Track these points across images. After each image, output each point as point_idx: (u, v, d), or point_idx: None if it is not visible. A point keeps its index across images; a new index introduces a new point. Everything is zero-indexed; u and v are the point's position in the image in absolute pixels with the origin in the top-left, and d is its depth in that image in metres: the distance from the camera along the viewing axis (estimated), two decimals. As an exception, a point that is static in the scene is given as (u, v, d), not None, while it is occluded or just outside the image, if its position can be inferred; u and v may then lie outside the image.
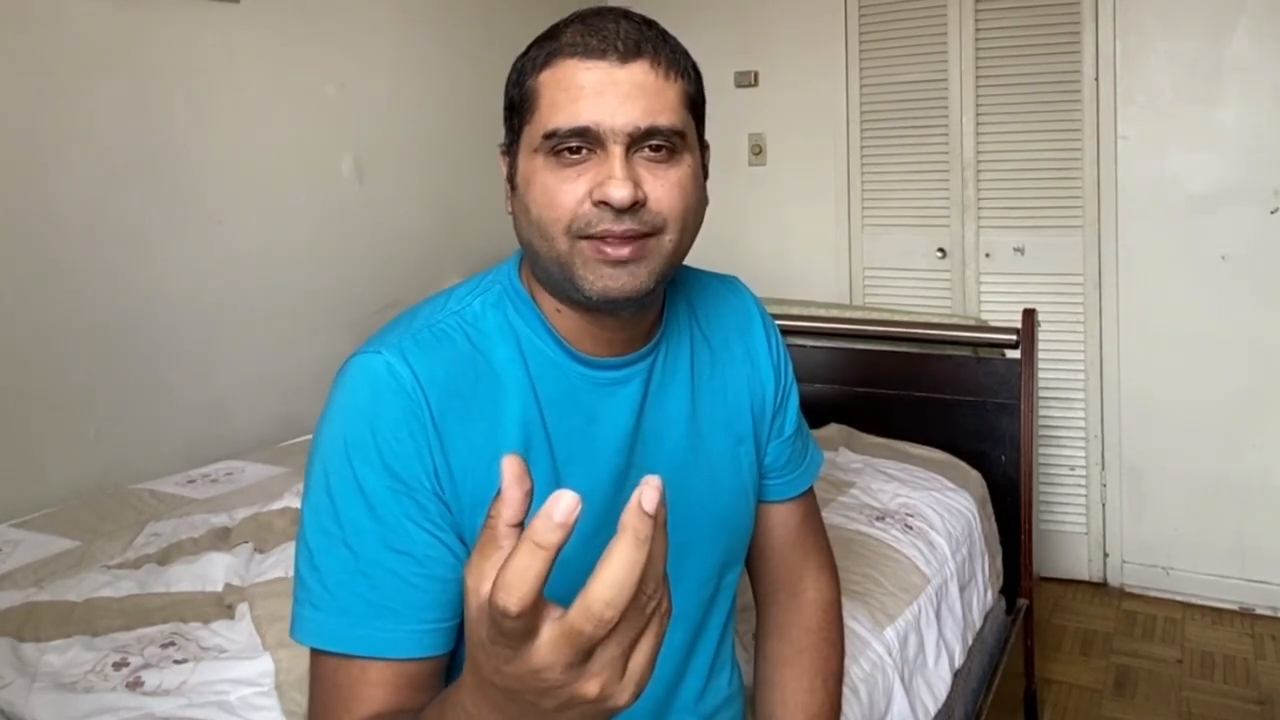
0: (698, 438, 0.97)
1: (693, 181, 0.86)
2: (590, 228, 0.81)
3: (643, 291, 0.84)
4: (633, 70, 0.82)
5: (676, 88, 0.84)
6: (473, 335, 0.88)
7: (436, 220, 3.11)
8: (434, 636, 0.82)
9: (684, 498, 0.94)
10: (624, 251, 0.81)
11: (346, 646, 0.80)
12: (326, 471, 0.83)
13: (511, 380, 0.88)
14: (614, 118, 0.80)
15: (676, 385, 0.96)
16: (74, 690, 1.28)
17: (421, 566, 0.81)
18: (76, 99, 2.14)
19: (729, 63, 3.56)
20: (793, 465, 1.09)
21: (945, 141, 3.26)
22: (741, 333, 1.06)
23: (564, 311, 0.89)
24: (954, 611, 1.85)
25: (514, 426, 0.86)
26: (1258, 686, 2.58)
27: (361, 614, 0.80)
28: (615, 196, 0.79)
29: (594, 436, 0.90)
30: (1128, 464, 3.10)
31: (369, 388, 0.84)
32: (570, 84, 0.81)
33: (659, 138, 0.82)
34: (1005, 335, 2.35)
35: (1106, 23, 2.99)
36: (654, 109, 0.82)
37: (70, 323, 2.14)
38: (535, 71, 0.84)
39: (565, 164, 0.82)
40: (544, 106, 0.83)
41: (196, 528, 1.84)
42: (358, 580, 0.80)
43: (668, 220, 0.83)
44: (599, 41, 0.82)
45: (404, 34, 2.99)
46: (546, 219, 0.82)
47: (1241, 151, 2.88)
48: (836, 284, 3.49)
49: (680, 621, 0.98)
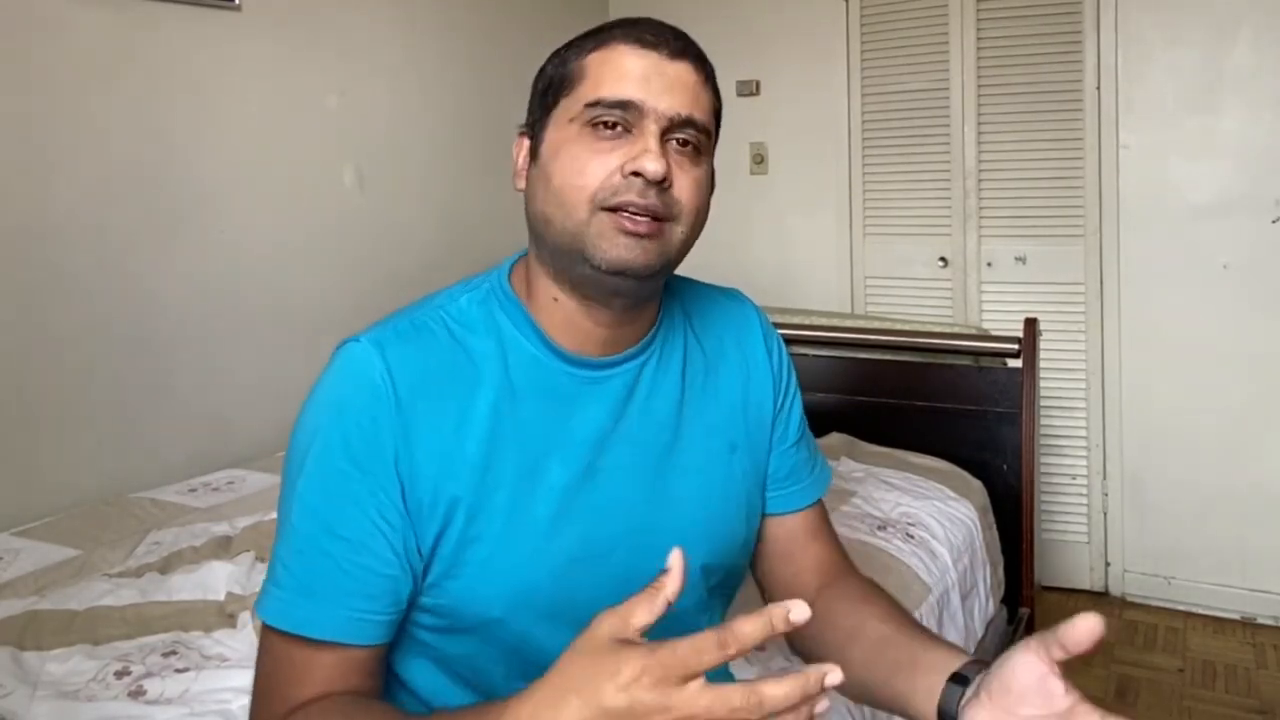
0: (682, 442, 0.97)
1: (707, 185, 0.91)
2: (615, 197, 0.84)
3: (652, 268, 0.86)
4: (679, 67, 0.87)
5: (709, 96, 0.90)
6: (454, 328, 0.90)
7: (438, 229, 3.12)
8: (360, 625, 0.83)
9: (662, 501, 0.95)
10: (642, 227, 0.84)
11: (282, 623, 0.83)
12: (293, 451, 0.87)
13: (488, 371, 0.89)
14: (659, 100, 0.85)
15: (665, 389, 0.97)
16: (76, 699, 1.28)
17: (354, 553, 0.83)
18: (78, 108, 2.15)
19: (730, 72, 3.56)
20: (798, 475, 1.08)
21: (946, 150, 3.26)
22: (739, 342, 1.05)
23: (561, 300, 0.90)
24: (955, 621, 1.85)
25: (484, 415, 0.87)
26: (1259, 696, 2.57)
27: (294, 592, 0.83)
28: (650, 168, 0.82)
29: (570, 429, 0.91)
30: (1129, 473, 3.10)
31: (342, 375, 0.87)
32: (620, 64, 0.86)
33: (692, 131, 0.87)
34: (1007, 344, 2.35)
35: (1108, 32, 3.00)
36: (693, 103, 0.87)
37: (72, 331, 2.14)
38: (583, 54, 0.88)
39: (600, 137, 0.85)
40: (589, 80, 0.86)
41: (198, 536, 1.84)
42: (295, 559, 0.84)
43: (684, 211, 0.87)
44: (652, 36, 0.87)
45: (406, 43, 3.00)
46: (571, 185, 0.85)
47: (1243, 161, 2.88)
48: (838, 293, 3.49)
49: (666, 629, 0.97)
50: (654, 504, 0.95)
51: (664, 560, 0.93)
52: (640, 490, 0.94)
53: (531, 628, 0.89)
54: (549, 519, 0.89)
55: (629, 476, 0.93)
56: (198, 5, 2.36)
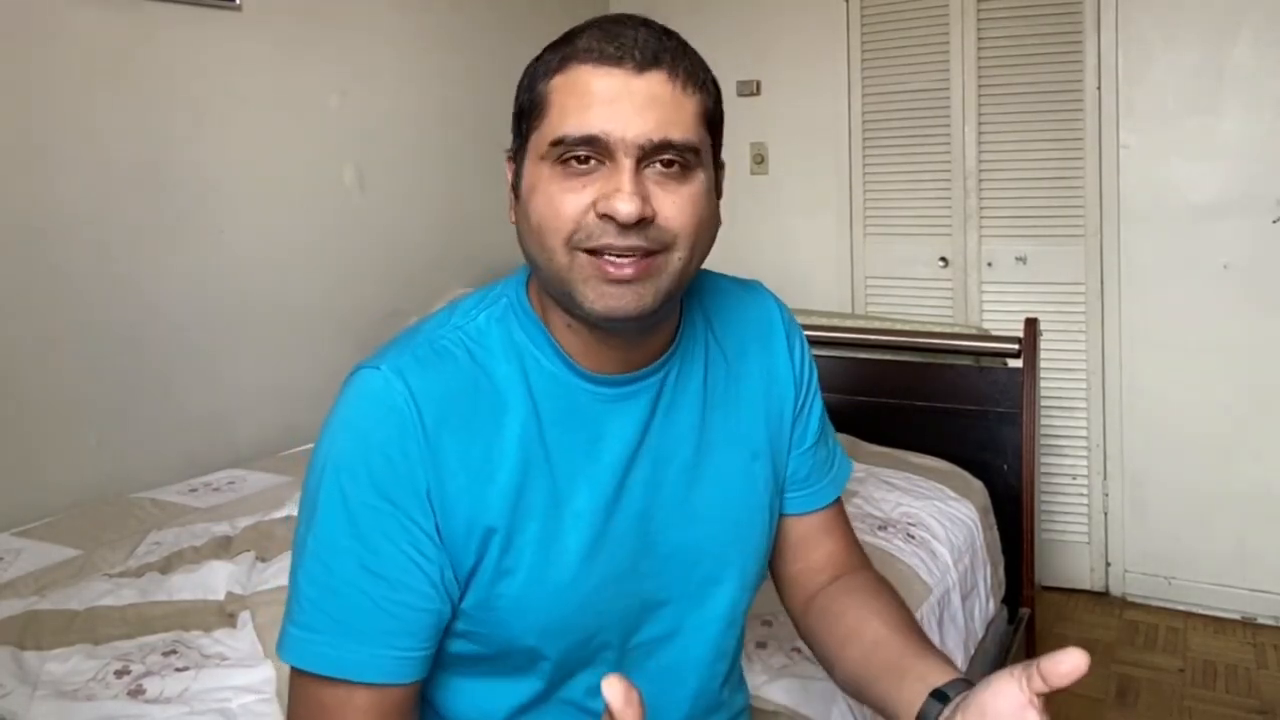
0: (706, 453, 0.94)
1: (705, 198, 0.82)
2: (591, 240, 0.78)
3: (646, 312, 0.80)
4: (649, 80, 0.78)
5: (693, 101, 0.81)
6: (475, 351, 0.86)
7: (438, 229, 3.12)
8: (402, 664, 0.80)
9: (691, 514, 0.93)
10: (626, 271, 0.78)
11: (318, 666, 0.79)
12: (315, 485, 0.82)
13: (513, 397, 0.85)
14: (626, 129, 0.77)
15: (687, 400, 0.93)
16: (75, 699, 1.28)
17: (394, 591, 0.79)
18: (79, 108, 2.15)
19: (731, 72, 3.56)
20: (816, 476, 1.06)
21: (947, 150, 3.26)
22: (761, 344, 1.01)
23: (574, 327, 0.86)
24: (956, 621, 1.85)
25: (513, 444, 0.84)
26: (1260, 696, 2.57)
27: (330, 634, 0.79)
28: (621, 211, 0.76)
29: (597, 454, 0.87)
30: (1129, 473, 3.10)
31: (364, 404, 0.82)
32: (583, 91, 0.78)
33: (671, 152, 0.78)
34: (1007, 344, 2.35)
35: (1108, 32, 3.00)
36: (668, 122, 0.78)
37: (73, 331, 2.14)
38: (548, 76, 0.81)
39: (571, 173, 0.78)
40: (554, 113, 0.79)
41: (198, 536, 1.84)
42: (329, 599, 0.80)
43: (678, 237, 0.80)
44: (615, 48, 0.78)
45: (406, 43, 3.00)
46: (547, 229, 0.79)
47: (1243, 161, 2.88)
48: (838, 293, 3.49)
49: (696, 638, 0.96)
50: (679, 517, 0.92)
51: (687, 571, 0.94)
52: (666, 506, 0.92)
53: (564, 649, 0.88)
54: (580, 549, 0.86)
55: (654, 493, 0.91)
56: (198, 5, 2.36)
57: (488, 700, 0.90)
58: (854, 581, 1.02)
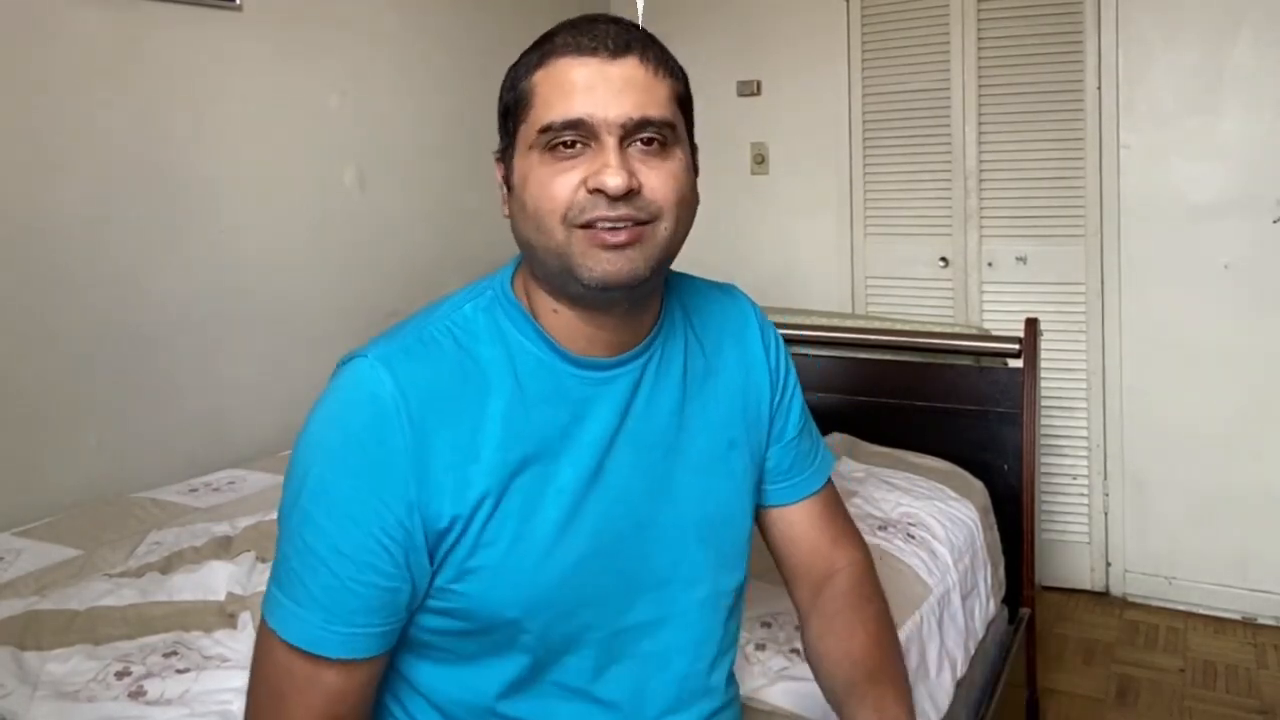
0: (685, 438, 0.98)
1: (685, 174, 0.89)
2: (585, 214, 0.84)
3: (640, 277, 0.86)
4: (623, 65, 0.85)
5: (665, 84, 0.88)
6: (461, 338, 0.91)
7: (438, 229, 3.12)
8: (363, 640, 0.85)
9: (666, 497, 0.97)
10: (621, 236, 0.84)
11: (294, 638, 0.84)
12: (299, 463, 0.87)
13: (498, 378, 0.89)
14: (607, 110, 0.84)
15: (667, 387, 0.98)
16: (76, 699, 1.28)
17: (359, 572, 0.84)
18: (79, 108, 2.15)
19: (731, 72, 3.57)
20: (799, 468, 1.10)
21: (947, 150, 3.26)
22: (736, 338, 1.07)
23: (561, 311, 0.91)
24: (956, 621, 1.85)
25: (497, 421, 0.88)
26: (1260, 696, 2.57)
27: (309, 609, 0.84)
28: (610, 184, 0.82)
29: (579, 432, 0.92)
30: (1130, 473, 3.10)
31: (347, 391, 0.88)
32: (564, 80, 0.85)
33: (651, 129, 0.85)
34: (1007, 344, 2.35)
35: (1109, 32, 3.00)
36: (645, 102, 0.85)
37: (72, 331, 2.14)
38: (529, 73, 0.88)
39: (560, 157, 0.85)
40: (539, 104, 0.86)
41: (198, 536, 1.84)
42: (310, 576, 0.84)
43: (663, 209, 0.86)
44: (590, 40, 0.86)
45: (406, 43, 3.00)
46: (543, 210, 0.85)
47: (1243, 161, 2.88)
48: (839, 293, 3.49)
49: (679, 620, 0.99)
50: (658, 500, 0.96)
51: (668, 555, 0.97)
52: (645, 487, 0.95)
53: (545, 624, 0.91)
54: (559, 521, 0.90)
55: (635, 474, 0.94)
56: (198, 5, 2.36)
57: (476, 682, 0.93)
58: (838, 602, 1.08)
